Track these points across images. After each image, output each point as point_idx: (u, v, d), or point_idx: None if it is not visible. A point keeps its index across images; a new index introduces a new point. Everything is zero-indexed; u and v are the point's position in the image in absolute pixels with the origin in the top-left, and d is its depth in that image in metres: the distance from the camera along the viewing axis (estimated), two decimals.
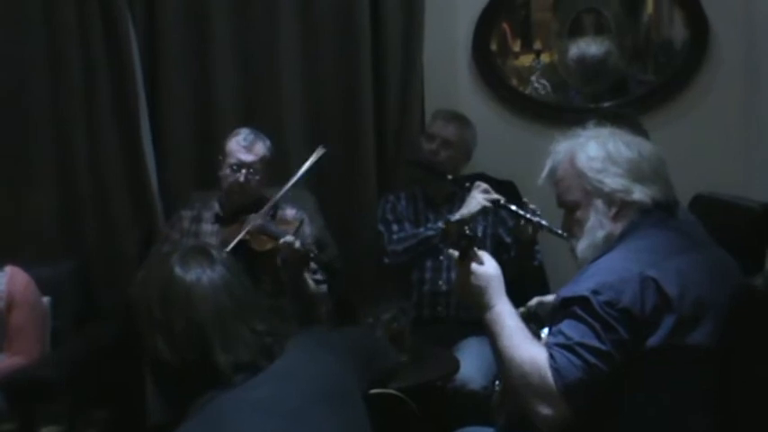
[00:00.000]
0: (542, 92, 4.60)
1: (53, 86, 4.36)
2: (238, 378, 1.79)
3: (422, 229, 3.95)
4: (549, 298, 2.81)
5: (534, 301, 2.84)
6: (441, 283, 4.00)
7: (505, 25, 4.59)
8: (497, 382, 3.62)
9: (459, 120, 4.13)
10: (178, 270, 1.86)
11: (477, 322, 3.90)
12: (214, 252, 1.93)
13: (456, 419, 3.13)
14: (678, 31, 4.54)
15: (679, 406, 2.22)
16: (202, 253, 1.91)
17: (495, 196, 3.74)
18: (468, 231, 2.35)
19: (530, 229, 3.67)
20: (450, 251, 2.40)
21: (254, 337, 1.85)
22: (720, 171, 4.24)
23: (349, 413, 1.91)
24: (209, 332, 1.81)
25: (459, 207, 3.86)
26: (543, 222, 3.55)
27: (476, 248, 2.35)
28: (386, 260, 4.01)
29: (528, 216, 3.60)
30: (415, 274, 4.05)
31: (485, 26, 4.55)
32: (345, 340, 2.15)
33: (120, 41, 4.31)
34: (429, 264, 4.03)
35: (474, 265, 2.34)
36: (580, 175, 2.40)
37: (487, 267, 2.35)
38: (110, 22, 4.30)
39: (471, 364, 3.60)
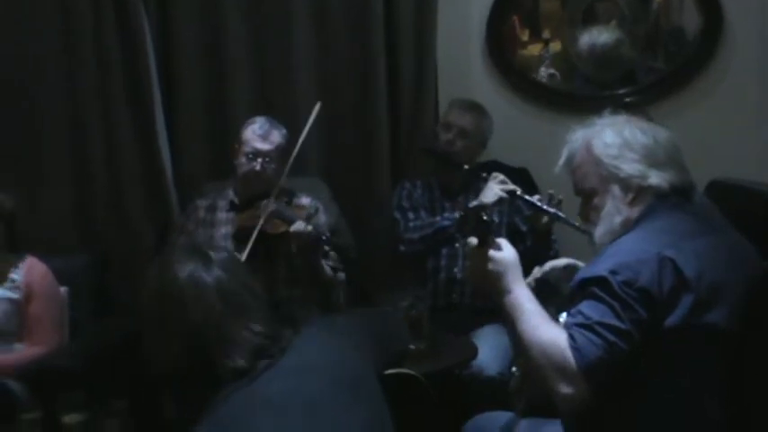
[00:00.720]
0: (552, 81, 4.61)
1: (68, 81, 4.40)
2: (240, 379, 1.78)
3: (438, 218, 3.96)
4: (562, 261, 2.84)
5: (548, 265, 2.83)
6: (456, 270, 4.01)
7: (515, 15, 4.59)
8: (514, 369, 3.66)
9: (476, 109, 4.15)
10: (174, 272, 1.86)
11: (492, 310, 3.93)
12: (211, 253, 1.93)
13: (472, 406, 3.16)
14: (690, 18, 4.52)
15: (696, 389, 2.23)
16: (199, 254, 1.92)
17: (512, 187, 3.75)
18: (485, 218, 2.36)
19: (545, 219, 3.70)
20: (470, 239, 2.41)
21: (252, 338, 1.84)
22: (733, 160, 4.22)
23: (366, 398, 1.91)
24: (205, 334, 1.81)
25: (475, 197, 3.88)
26: (560, 214, 3.57)
27: (493, 235, 2.37)
28: (401, 248, 4.03)
29: (544, 207, 3.62)
30: (430, 262, 4.07)
31: (497, 15, 4.56)
32: (358, 324, 2.15)
33: (134, 35, 4.34)
34: (444, 252, 4.05)
35: (492, 252, 2.35)
36: (597, 162, 2.42)
37: (505, 253, 2.36)
38: (124, 16, 4.33)
39: (487, 351, 3.62)
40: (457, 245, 3.93)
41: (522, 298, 2.32)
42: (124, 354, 3.83)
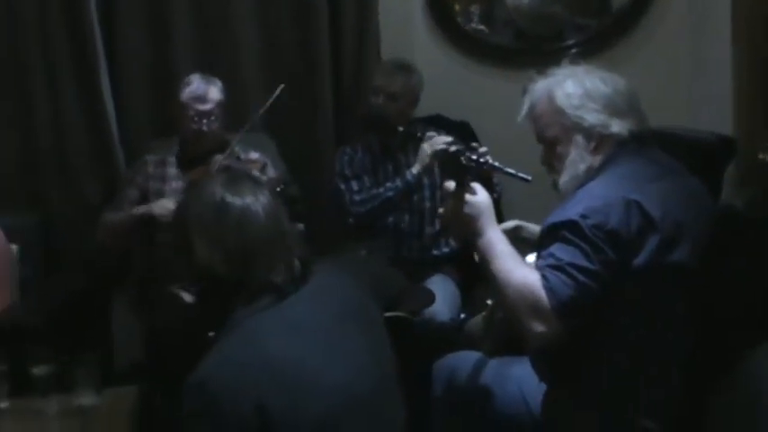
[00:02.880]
0: (481, 35, 4.68)
1: (10, 40, 4.34)
2: (271, 297, 1.91)
3: (381, 190, 3.99)
4: (510, 224, 2.93)
5: (512, 223, 2.94)
6: (403, 225, 4.10)
7: None
8: (462, 315, 3.79)
9: (403, 70, 4.16)
10: (230, 194, 1.97)
11: (439, 261, 4.09)
12: (259, 180, 2.03)
13: (425, 350, 3.26)
14: None
15: (661, 325, 2.37)
16: (251, 179, 2.04)
17: (444, 139, 3.82)
18: (464, 162, 2.45)
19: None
20: (447, 183, 2.50)
21: (290, 261, 1.97)
22: (667, 111, 4.34)
23: (374, 331, 2.06)
24: (258, 252, 1.93)
25: (414, 152, 3.98)
26: (497, 164, 3.58)
27: (469, 179, 2.47)
28: (350, 220, 4.08)
29: (480, 160, 3.63)
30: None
31: None
32: (363, 266, 2.26)
33: None
34: None
35: (467, 195, 2.45)
36: (559, 111, 2.52)
37: (480, 197, 2.47)
38: None
39: (438, 299, 3.71)
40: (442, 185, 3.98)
41: (496, 240, 2.42)
42: (76, 309, 3.88)
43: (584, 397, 2.43)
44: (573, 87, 2.52)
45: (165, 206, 3.76)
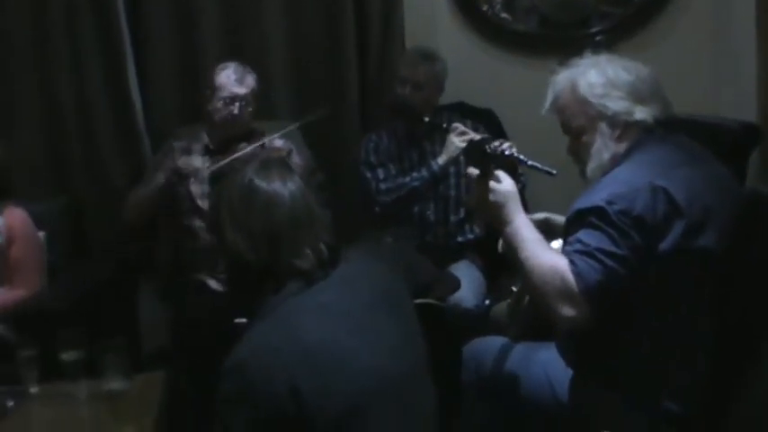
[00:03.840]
0: (508, 21, 4.67)
1: (35, 27, 4.37)
2: (300, 282, 1.94)
3: (408, 179, 4.00)
4: (539, 216, 2.93)
5: (541, 215, 2.95)
6: (429, 213, 4.11)
7: None
8: (487, 302, 3.81)
9: (427, 58, 4.16)
10: (259, 179, 2.00)
11: (464, 248, 4.09)
12: (291, 165, 2.06)
13: (451, 336, 3.29)
14: None
15: (687, 309, 2.39)
16: (282, 165, 2.07)
17: (471, 135, 3.80)
18: (489, 150, 2.47)
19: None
20: (471, 170, 2.52)
21: (318, 246, 2.00)
22: (690, 100, 4.35)
23: (404, 317, 2.09)
24: (283, 237, 1.96)
25: (440, 140, 4.01)
26: (521, 157, 3.56)
27: (493, 167, 2.48)
28: (376, 209, 4.08)
29: (506, 153, 3.62)
30: None
31: None
32: (393, 252, 2.29)
33: None
34: None
35: (492, 183, 2.47)
36: (583, 101, 2.54)
37: (505, 185, 2.49)
38: None
39: (463, 285, 3.74)
40: (466, 173, 3.97)
41: (523, 227, 2.44)
42: (105, 296, 3.92)
43: (609, 381, 2.45)
44: (595, 77, 2.54)
45: (189, 162, 3.86)
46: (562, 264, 2.30)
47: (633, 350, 2.41)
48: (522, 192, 3.70)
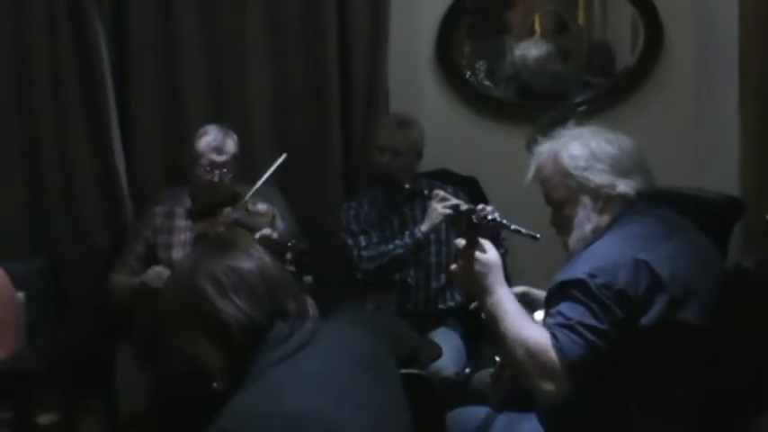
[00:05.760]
0: (491, 91, 4.73)
1: (21, 83, 4.38)
2: (284, 350, 1.93)
3: (390, 247, 4.00)
4: (518, 289, 2.92)
5: (520, 289, 2.95)
6: (410, 279, 4.10)
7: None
8: (467, 369, 3.78)
9: (404, 125, 4.17)
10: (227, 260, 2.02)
11: (445, 315, 4.08)
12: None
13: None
14: (625, 33, 4.72)
15: (669, 382, 2.39)
16: (237, 246, 2.10)
17: (453, 202, 3.83)
18: (474, 220, 2.48)
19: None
20: (458, 241, 2.53)
21: (302, 313, 2.02)
22: (671, 170, 4.36)
23: (390, 384, 2.07)
24: (262, 293, 1.99)
25: (420, 206, 4.03)
26: (504, 221, 3.55)
27: (479, 238, 2.49)
28: (358, 275, 4.07)
29: (490, 218, 3.62)
30: None
31: (447, 26, 4.67)
32: (378, 320, 2.28)
33: (88, 38, 4.32)
34: None
35: (477, 253, 2.47)
36: (565, 173, 2.55)
37: (490, 255, 2.49)
38: (78, 18, 4.32)
39: (444, 352, 3.71)
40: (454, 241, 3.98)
41: (505, 298, 2.44)
42: (83, 356, 3.88)
43: None
44: (578, 149, 2.55)
45: (159, 275, 3.76)
46: (544, 338, 2.30)
47: (616, 420, 2.40)
48: (503, 257, 3.72)
